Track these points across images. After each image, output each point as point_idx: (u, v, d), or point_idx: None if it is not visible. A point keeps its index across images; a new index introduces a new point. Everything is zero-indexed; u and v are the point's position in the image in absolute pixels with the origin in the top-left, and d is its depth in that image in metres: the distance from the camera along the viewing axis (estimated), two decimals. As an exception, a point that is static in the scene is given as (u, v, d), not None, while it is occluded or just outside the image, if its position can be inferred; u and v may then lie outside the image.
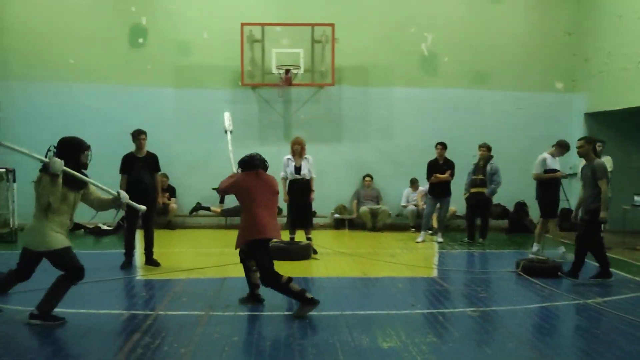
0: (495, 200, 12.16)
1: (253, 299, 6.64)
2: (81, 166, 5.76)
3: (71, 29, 13.01)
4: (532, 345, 5.38)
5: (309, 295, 6.23)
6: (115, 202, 5.97)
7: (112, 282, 7.61)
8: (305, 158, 9.90)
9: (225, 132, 8.30)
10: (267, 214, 6.33)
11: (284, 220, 10.68)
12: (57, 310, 5.77)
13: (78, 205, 5.84)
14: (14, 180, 11.43)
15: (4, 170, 11.47)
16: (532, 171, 10.12)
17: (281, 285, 6.19)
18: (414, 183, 13.26)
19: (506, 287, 7.78)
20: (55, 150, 5.64)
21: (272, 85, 12.97)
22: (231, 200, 13.06)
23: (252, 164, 6.42)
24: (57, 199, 5.51)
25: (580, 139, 8.30)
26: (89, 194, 5.89)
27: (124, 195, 5.99)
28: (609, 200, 7.95)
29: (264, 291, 6.56)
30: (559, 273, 8.09)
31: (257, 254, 6.33)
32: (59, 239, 5.63)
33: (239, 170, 6.56)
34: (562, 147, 10.16)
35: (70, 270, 5.70)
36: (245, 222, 6.41)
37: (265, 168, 6.53)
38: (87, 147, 5.83)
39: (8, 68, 12.91)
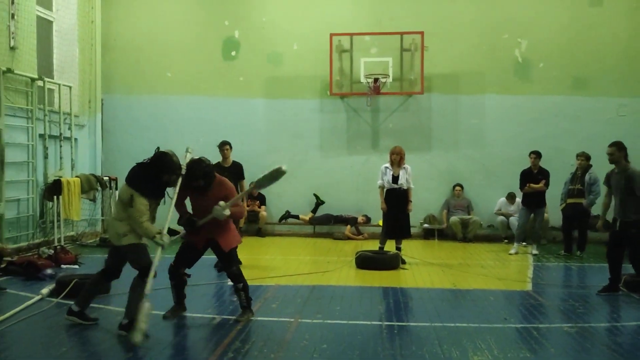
0: (595, 211, 11.59)
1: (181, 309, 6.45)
2: (160, 183, 5.79)
3: (168, 44, 13.63)
4: (635, 365, 5.07)
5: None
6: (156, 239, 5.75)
7: (204, 286, 7.83)
8: (404, 168, 9.85)
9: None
10: None
11: (377, 229, 10.63)
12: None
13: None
14: (116, 188, 12.10)
15: (107, 178, 12.14)
16: None
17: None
18: (511, 198, 12.68)
19: (606, 302, 7.37)
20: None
21: (360, 94, 13.00)
22: (320, 209, 13.26)
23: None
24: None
25: (611, 145, 7.79)
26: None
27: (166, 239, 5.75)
28: None
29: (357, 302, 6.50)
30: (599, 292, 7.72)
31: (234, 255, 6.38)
32: (137, 236, 5.74)
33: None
34: None
35: (142, 268, 5.76)
36: (232, 227, 6.39)
37: None
38: (175, 173, 5.81)
39: (111, 82, 13.68)
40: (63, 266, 9.12)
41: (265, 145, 13.43)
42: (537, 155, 11.09)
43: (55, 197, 10.68)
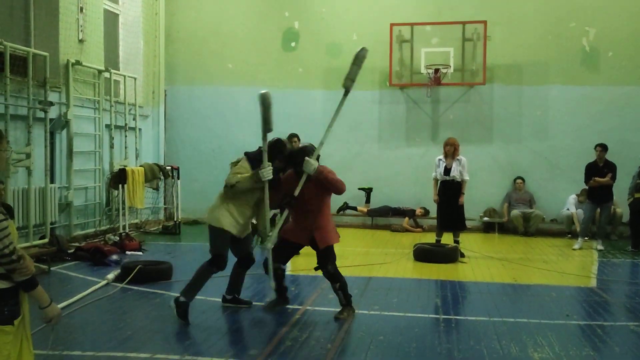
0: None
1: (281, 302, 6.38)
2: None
3: (230, 36, 13.81)
4: None
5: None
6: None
7: (265, 275, 7.91)
8: (457, 159, 9.69)
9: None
10: None
11: (435, 221, 10.49)
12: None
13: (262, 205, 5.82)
14: (178, 177, 12.40)
15: (170, 168, 12.44)
16: None
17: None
18: (582, 195, 11.87)
19: (677, 302, 7.07)
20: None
21: (420, 85, 12.85)
22: (378, 201, 13.21)
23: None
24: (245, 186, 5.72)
25: None
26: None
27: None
28: None
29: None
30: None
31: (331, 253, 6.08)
32: (226, 221, 5.76)
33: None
34: None
35: (213, 255, 5.84)
36: (330, 222, 6.25)
37: None
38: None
39: (174, 74, 13.98)
40: (128, 252, 9.42)
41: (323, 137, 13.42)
42: (602, 148, 10.71)
43: (120, 185, 11.01)
